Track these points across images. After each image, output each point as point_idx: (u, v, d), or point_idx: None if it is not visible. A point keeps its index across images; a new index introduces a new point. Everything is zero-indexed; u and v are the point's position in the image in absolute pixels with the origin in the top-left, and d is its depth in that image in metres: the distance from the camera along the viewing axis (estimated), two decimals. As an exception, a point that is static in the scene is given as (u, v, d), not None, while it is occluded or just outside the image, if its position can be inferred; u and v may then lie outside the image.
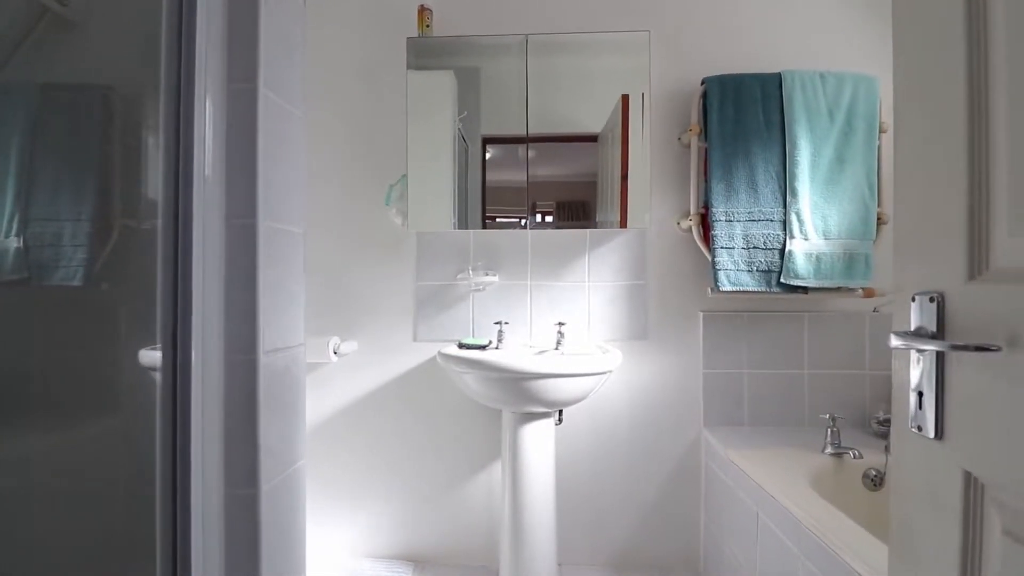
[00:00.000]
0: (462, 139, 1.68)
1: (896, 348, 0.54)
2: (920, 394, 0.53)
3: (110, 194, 0.78)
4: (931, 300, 0.52)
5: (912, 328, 0.54)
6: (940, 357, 0.51)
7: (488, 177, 1.68)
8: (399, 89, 1.68)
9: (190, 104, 0.70)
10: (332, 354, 1.63)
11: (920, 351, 0.53)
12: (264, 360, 0.74)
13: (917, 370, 0.54)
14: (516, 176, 1.66)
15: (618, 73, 1.64)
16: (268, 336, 0.76)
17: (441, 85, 1.68)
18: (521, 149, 1.65)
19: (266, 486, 0.74)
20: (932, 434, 0.52)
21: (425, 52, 1.67)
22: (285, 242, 0.81)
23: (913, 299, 0.54)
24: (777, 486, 1.20)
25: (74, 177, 0.76)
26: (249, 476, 0.72)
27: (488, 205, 1.67)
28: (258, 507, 0.72)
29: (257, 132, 0.75)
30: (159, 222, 0.67)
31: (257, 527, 0.72)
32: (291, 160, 0.84)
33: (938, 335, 0.51)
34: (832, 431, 1.40)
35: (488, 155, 1.68)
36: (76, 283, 0.79)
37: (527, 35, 1.64)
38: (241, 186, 0.74)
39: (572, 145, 1.69)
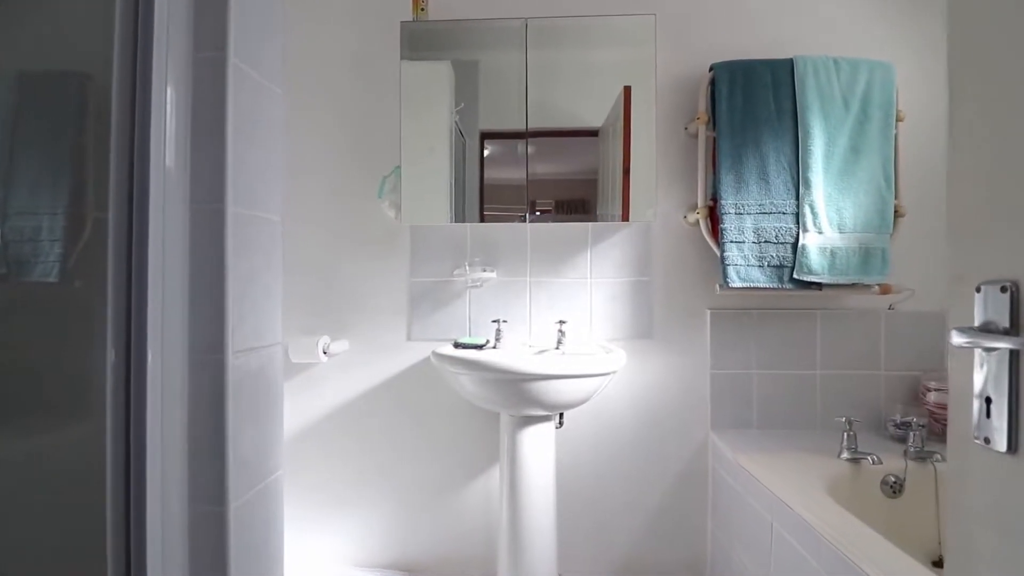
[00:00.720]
0: (459, 133, 1.60)
1: (959, 346, 0.46)
2: (988, 400, 0.46)
3: (67, 176, 0.70)
4: (1003, 290, 0.44)
5: (977, 324, 0.47)
6: (1015, 357, 0.44)
7: (486, 174, 1.60)
8: (393, 79, 1.60)
9: (148, 75, 0.62)
10: (322, 354, 1.55)
11: (988, 350, 0.45)
12: (234, 361, 0.66)
13: (982, 372, 0.46)
14: (515, 174, 1.58)
15: (620, 64, 1.57)
16: (239, 334, 0.68)
17: (437, 77, 1.60)
18: (520, 145, 1.58)
19: (236, 502, 0.66)
20: (1004, 447, 0.45)
21: (421, 43, 1.59)
22: (259, 230, 0.73)
23: (978, 289, 0.47)
24: (793, 494, 1.13)
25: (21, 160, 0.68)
26: (216, 491, 0.64)
27: (486, 203, 1.60)
28: (227, 526, 0.64)
29: (227, 107, 0.67)
30: (110, 204, 0.59)
31: (225, 549, 0.64)
32: (268, 140, 0.76)
33: (1012, 331, 0.44)
34: (849, 435, 1.33)
35: (486, 152, 1.61)
36: (36, 279, 0.72)
37: (526, 19, 1.57)
38: (208, 167, 0.66)
39: (572, 140, 1.62)
